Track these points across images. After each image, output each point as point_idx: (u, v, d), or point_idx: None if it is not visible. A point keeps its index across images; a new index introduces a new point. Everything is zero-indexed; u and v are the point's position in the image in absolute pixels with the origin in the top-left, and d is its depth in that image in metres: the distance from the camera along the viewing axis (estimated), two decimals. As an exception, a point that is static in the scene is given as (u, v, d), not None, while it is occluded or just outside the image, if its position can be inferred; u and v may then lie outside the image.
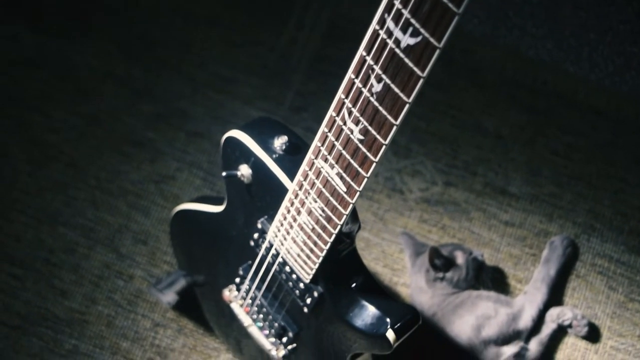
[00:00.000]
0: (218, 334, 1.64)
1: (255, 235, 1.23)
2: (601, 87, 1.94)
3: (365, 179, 0.94)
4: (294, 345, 1.32)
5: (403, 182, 1.82)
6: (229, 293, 1.39)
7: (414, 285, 1.69)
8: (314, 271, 1.14)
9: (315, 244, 1.09)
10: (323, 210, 1.03)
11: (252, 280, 1.30)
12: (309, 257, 1.12)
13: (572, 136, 1.88)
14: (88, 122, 1.85)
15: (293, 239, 1.13)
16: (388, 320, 1.11)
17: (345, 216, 1.00)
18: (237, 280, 1.35)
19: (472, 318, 1.60)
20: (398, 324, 1.11)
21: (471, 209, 1.80)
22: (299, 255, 1.14)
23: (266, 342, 1.35)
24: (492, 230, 1.78)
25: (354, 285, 1.15)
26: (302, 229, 1.09)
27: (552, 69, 1.97)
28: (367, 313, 1.13)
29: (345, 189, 0.97)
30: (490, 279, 1.71)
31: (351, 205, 0.99)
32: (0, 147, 1.82)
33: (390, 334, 1.10)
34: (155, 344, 1.65)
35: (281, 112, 1.88)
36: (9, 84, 1.90)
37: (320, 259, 1.10)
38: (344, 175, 0.96)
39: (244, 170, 1.16)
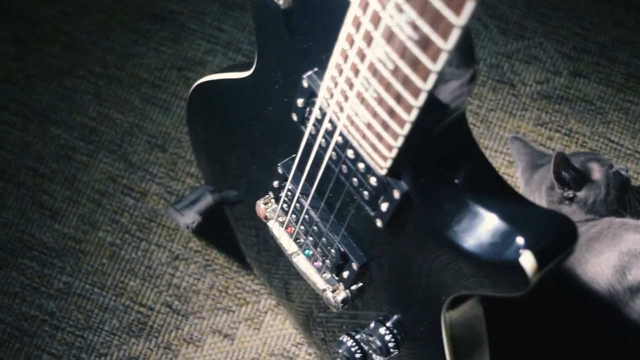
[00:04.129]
0: (258, 273, 1.26)
1: (300, 102, 0.77)
2: None
3: None
4: (360, 284, 0.89)
5: (514, 71, 1.44)
6: (265, 206, 0.94)
7: (531, 208, 1.22)
8: (394, 154, 0.68)
9: (397, 99, 0.62)
10: (415, 28, 0.56)
11: (296, 181, 0.85)
12: (386, 128, 0.66)
13: None
14: (93, -9, 1.55)
15: (359, 95, 0.66)
16: (521, 236, 0.65)
17: (458, 31, 0.53)
18: (276, 184, 0.90)
19: (614, 256, 1.19)
20: (540, 243, 0.65)
21: (608, 109, 1.42)
22: (369, 127, 0.68)
23: (319, 279, 0.93)
24: (637, 139, 1.40)
25: (458, 180, 0.68)
26: (375, 74, 0.63)
27: None
28: (484, 225, 0.69)
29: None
30: (639, 202, 1.23)
31: (470, 7, 0.51)
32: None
33: (528, 259, 0.64)
34: (173, 284, 1.30)
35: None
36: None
37: (406, 128, 0.63)
38: None
39: (279, -13, 0.70)
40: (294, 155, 0.85)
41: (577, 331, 1.19)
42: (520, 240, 0.65)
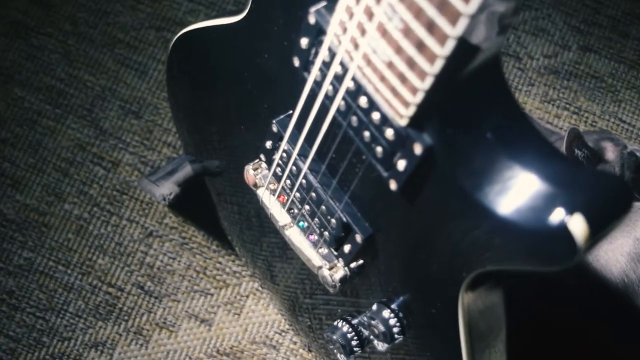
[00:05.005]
0: (240, 252, 1.15)
1: (304, 43, 0.66)
2: None
3: None
4: (362, 260, 0.78)
5: (520, 43, 1.35)
6: (255, 172, 0.83)
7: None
8: (419, 99, 0.57)
9: (430, 28, 0.52)
10: None
11: (293, 140, 0.74)
12: (411, 66, 0.56)
13: None
14: (65, -57, 1.44)
15: (380, 28, 0.56)
16: (571, 197, 0.55)
17: None
18: (269, 145, 0.79)
19: (628, 242, 1.10)
20: (593, 205, 0.56)
21: (620, 87, 1.33)
22: (390, 66, 0.58)
23: (314, 255, 0.82)
24: None
25: (490, 134, 0.58)
26: None
27: None
28: (521, 186, 0.58)
29: None
30: (654, 185, 1.17)
31: None
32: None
33: (578, 224, 0.54)
34: (145, 263, 1.20)
35: None
36: None
37: (437, 66, 0.53)
38: None
39: None
40: (291, 110, 0.74)
41: (589, 330, 1.11)
42: (569, 201, 0.55)
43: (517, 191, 0.58)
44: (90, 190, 1.23)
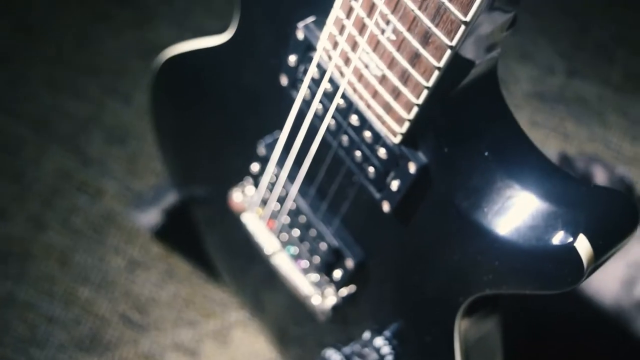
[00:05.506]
0: (228, 281, 1.15)
1: (292, 60, 0.65)
2: None
3: None
4: (355, 286, 0.77)
5: (507, 67, 1.38)
6: (240, 197, 0.83)
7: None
8: (413, 115, 0.57)
9: (425, 39, 0.52)
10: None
11: (281, 163, 0.73)
12: (405, 81, 0.55)
13: None
14: (51, -30, 1.47)
15: (373, 41, 0.56)
16: (572, 217, 0.55)
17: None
18: (255, 168, 0.78)
19: (620, 267, 1.15)
20: (597, 225, 0.55)
21: (607, 110, 1.36)
22: (382, 81, 0.57)
23: (304, 282, 0.82)
24: (638, 142, 1.33)
25: (488, 152, 0.57)
26: (396, 8, 0.52)
27: None
28: (523, 207, 0.57)
29: None
30: (644, 210, 1.16)
31: None
32: None
33: (583, 245, 0.52)
34: (131, 293, 1.20)
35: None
36: None
37: (433, 79, 0.53)
38: None
39: None
40: (279, 131, 0.73)
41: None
42: (574, 221, 0.54)
43: (515, 211, 0.56)
44: (76, 219, 1.23)
